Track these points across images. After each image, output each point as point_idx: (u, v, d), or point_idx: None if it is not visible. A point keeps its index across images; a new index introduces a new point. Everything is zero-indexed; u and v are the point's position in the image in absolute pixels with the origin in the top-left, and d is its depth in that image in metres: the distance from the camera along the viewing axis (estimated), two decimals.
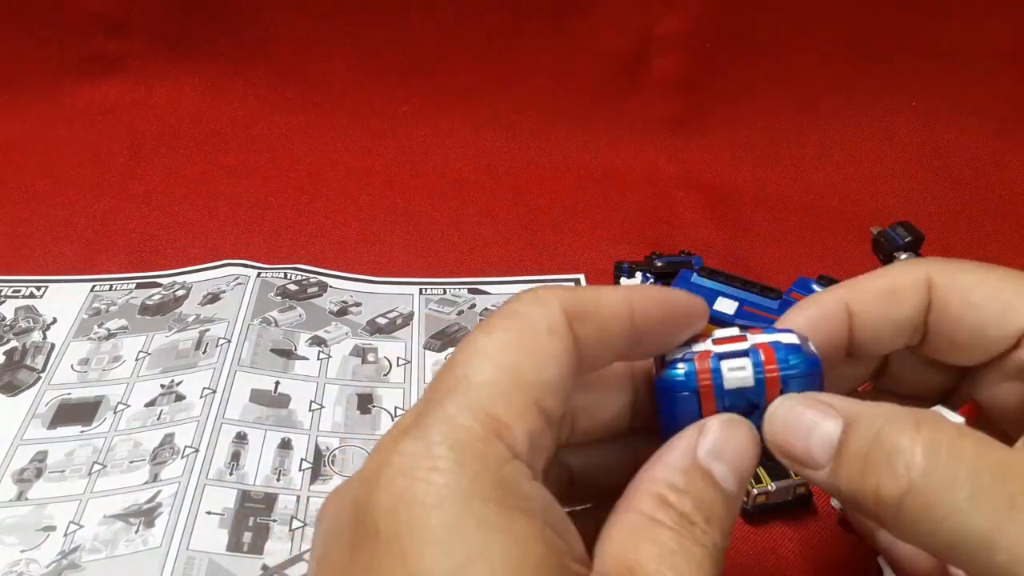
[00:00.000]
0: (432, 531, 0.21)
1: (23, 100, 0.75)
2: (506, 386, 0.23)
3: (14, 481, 0.45)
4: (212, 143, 0.74)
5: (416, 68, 0.75)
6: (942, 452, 0.23)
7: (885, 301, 0.30)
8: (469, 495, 0.21)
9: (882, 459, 0.24)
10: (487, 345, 0.24)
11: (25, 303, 0.57)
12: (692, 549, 0.24)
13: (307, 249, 0.63)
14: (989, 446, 0.24)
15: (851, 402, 0.26)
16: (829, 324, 0.30)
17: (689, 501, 0.24)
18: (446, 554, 0.21)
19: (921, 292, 0.30)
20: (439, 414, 0.23)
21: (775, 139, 0.74)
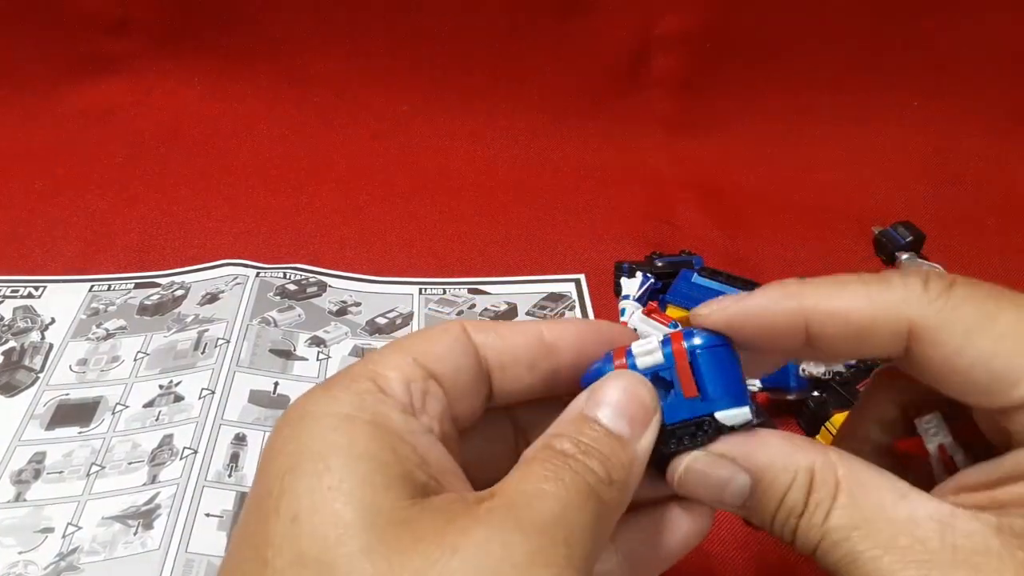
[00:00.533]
0: (300, 432, 0.25)
1: (23, 100, 0.75)
2: (391, 351, 0.28)
3: (12, 482, 0.45)
4: (212, 143, 0.74)
5: (416, 68, 0.74)
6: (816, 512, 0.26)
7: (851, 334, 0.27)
8: (333, 412, 0.25)
9: (783, 519, 0.27)
10: (393, 342, 0.29)
11: (23, 303, 0.57)
12: (559, 469, 0.25)
13: (306, 249, 0.63)
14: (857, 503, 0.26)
15: (754, 446, 0.28)
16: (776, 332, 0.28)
17: (567, 441, 0.26)
18: (291, 439, 0.25)
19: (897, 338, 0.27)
20: (343, 373, 0.27)
21: (775, 139, 0.73)
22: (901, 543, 0.25)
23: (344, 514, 0.22)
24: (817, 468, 0.27)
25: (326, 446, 0.24)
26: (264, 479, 0.24)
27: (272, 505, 0.23)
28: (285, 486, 0.23)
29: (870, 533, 0.25)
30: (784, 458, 0.27)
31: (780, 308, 0.28)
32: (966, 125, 0.74)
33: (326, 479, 0.23)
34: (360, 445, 0.24)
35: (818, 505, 0.26)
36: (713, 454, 0.28)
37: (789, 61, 0.73)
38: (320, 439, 0.24)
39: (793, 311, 0.27)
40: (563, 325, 0.30)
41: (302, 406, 0.26)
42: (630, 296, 0.56)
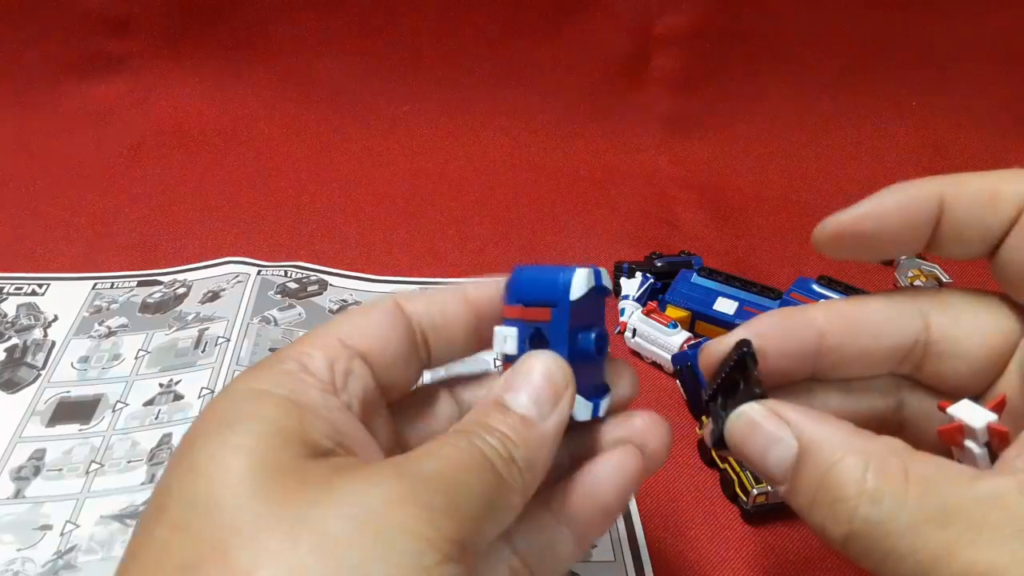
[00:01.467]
0: (217, 404, 0.26)
1: (25, 100, 0.75)
2: (317, 333, 0.29)
3: (12, 479, 0.45)
4: (213, 142, 0.74)
5: (416, 68, 0.75)
6: (884, 503, 0.24)
7: (982, 205, 0.28)
8: (250, 388, 0.26)
9: (827, 502, 0.25)
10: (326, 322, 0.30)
11: (27, 300, 0.57)
12: (456, 440, 0.26)
13: (307, 247, 0.63)
14: (935, 490, 0.24)
15: (808, 421, 0.26)
16: (917, 214, 0.29)
17: (472, 421, 0.27)
18: (216, 414, 0.26)
19: (1019, 205, 0.28)
20: (273, 355, 0.28)
21: (775, 139, 0.74)
22: (993, 519, 0.23)
23: (237, 464, 0.23)
24: (875, 453, 0.25)
25: (234, 413, 0.25)
26: (179, 444, 0.26)
27: (176, 461, 0.25)
28: (191, 444, 0.25)
29: (961, 520, 0.23)
30: (839, 436, 0.26)
31: (918, 192, 0.29)
32: (966, 125, 0.74)
33: (229, 438, 0.24)
34: (269, 413, 0.25)
35: (885, 494, 0.24)
36: (772, 408, 0.27)
37: (789, 61, 0.73)
38: (230, 408, 0.26)
39: (928, 192, 0.29)
40: (485, 286, 0.32)
41: (227, 384, 0.27)
42: (630, 296, 0.56)
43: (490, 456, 0.25)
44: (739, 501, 0.44)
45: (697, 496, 0.46)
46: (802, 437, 0.26)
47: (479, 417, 0.27)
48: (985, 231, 0.28)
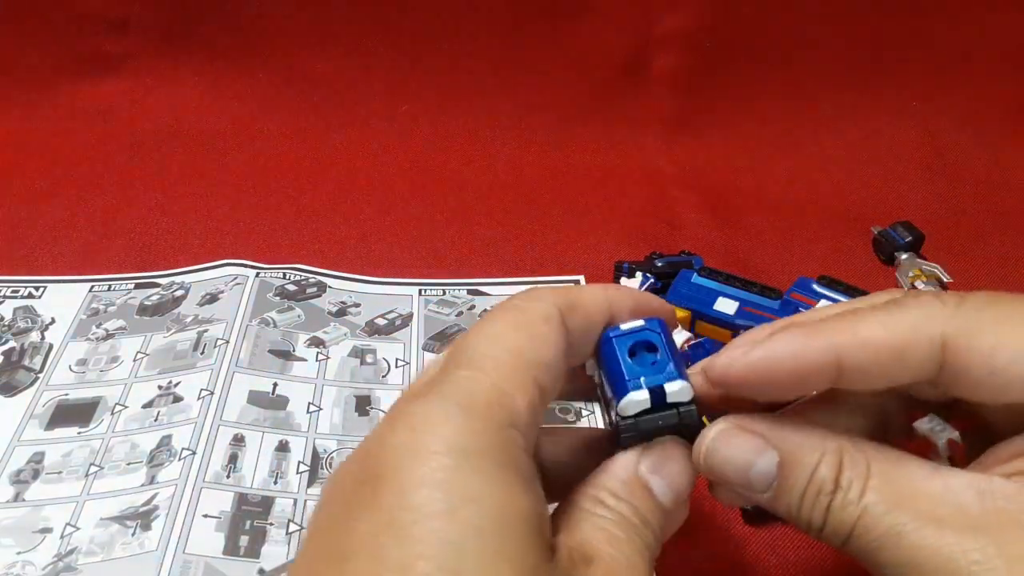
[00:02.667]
0: (431, 473, 0.23)
1: (23, 100, 0.75)
2: (510, 363, 0.26)
3: (11, 482, 0.45)
4: (212, 143, 0.74)
5: (416, 68, 0.74)
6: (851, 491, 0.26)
7: (887, 361, 0.27)
8: (470, 448, 0.24)
9: (812, 499, 0.27)
10: (492, 330, 0.27)
11: (24, 303, 0.57)
12: (633, 537, 0.27)
13: (306, 249, 0.63)
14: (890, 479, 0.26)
15: (781, 429, 0.28)
16: (809, 374, 0.27)
17: (625, 507, 0.27)
18: (441, 494, 0.23)
19: (933, 354, 0.26)
20: (449, 381, 0.25)
21: (775, 139, 0.73)
22: (942, 513, 0.25)
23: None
24: (845, 449, 0.27)
25: (488, 503, 0.23)
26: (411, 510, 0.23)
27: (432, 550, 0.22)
28: (447, 533, 0.22)
29: (910, 506, 0.25)
30: (812, 438, 0.27)
31: (811, 348, 0.27)
32: (966, 125, 0.73)
33: (493, 543, 0.23)
34: (518, 509, 0.23)
35: (851, 483, 0.26)
36: (739, 425, 0.28)
37: (789, 61, 0.72)
38: (478, 489, 0.23)
39: (824, 349, 0.27)
40: (624, 297, 0.30)
41: (439, 430, 0.24)
42: None
43: (648, 550, 0.27)
44: None
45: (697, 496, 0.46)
46: (781, 445, 0.27)
47: (632, 499, 0.27)
48: (893, 381, 0.27)
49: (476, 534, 0.22)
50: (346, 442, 0.48)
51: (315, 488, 0.45)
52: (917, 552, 0.25)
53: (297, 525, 0.43)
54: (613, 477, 0.28)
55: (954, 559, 0.24)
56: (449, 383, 0.25)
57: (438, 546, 0.22)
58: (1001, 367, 0.26)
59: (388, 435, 0.25)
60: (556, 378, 0.27)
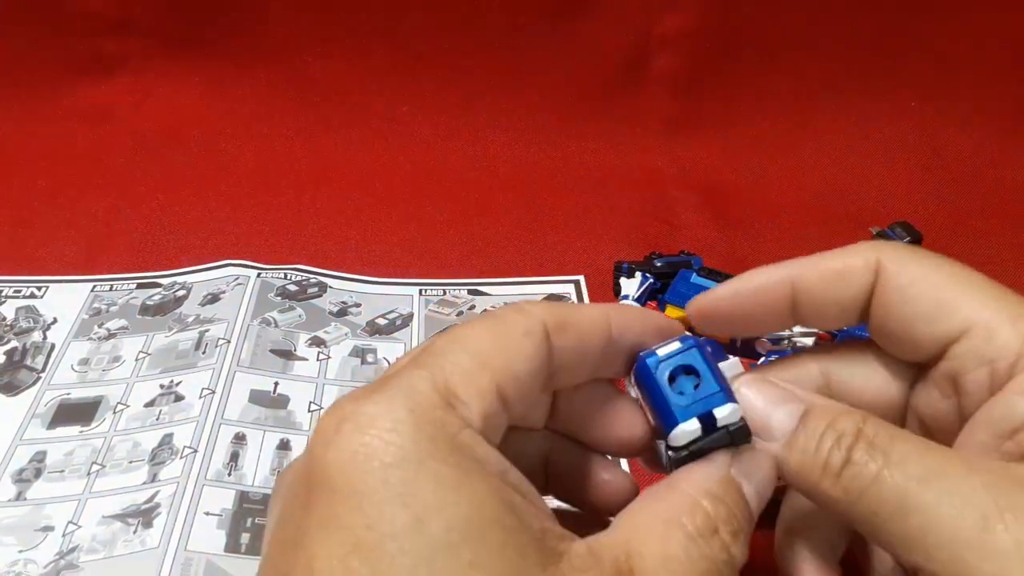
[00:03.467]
0: (391, 487, 0.22)
1: (24, 100, 0.75)
2: (470, 367, 0.25)
3: (13, 481, 0.45)
4: (212, 143, 0.74)
5: (416, 68, 0.74)
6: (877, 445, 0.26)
7: (832, 281, 0.30)
8: (426, 455, 0.23)
9: (826, 446, 0.27)
10: (461, 332, 0.26)
11: (26, 303, 0.57)
12: (698, 560, 0.24)
13: (307, 249, 0.63)
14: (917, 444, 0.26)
15: (811, 395, 0.29)
16: (769, 293, 0.31)
17: (724, 509, 0.26)
18: (404, 508, 0.22)
19: (868, 276, 0.30)
20: (401, 382, 0.24)
21: (775, 139, 0.73)
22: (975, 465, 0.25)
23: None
24: (869, 415, 0.27)
25: (453, 511, 0.22)
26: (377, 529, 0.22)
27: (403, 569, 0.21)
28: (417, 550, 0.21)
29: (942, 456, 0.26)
30: (838, 404, 0.28)
31: (767, 277, 0.31)
32: (965, 125, 0.73)
33: (464, 554, 0.22)
34: (486, 511, 0.22)
35: (878, 432, 0.26)
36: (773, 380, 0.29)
37: (789, 61, 0.73)
38: (441, 498, 0.22)
39: (779, 276, 0.31)
40: (628, 319, 0.29)
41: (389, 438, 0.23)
42: (629, 296, 0.56)
43: (724, 569, 0.25)
44: None
45: None
46: (808, 402, 0.28)
47: (721, 497, 0.26)
48: (839, 305, 0.30)
49: (446, 548, 0.21)
50: None
51: None
52: (949, 495, 0.24)
53: None
54: (709, 477, 0.27)
55: (984, 505, 0.24)
56: (402, 383, 0.24)
57: (409, 565, 0.21)
58: (912, 297, 0.29)
59: (336, 439, 0.23)
60: (528, 394, 0.26)
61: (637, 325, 0.29)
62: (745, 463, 0.27)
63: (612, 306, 0.30)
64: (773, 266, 0.31)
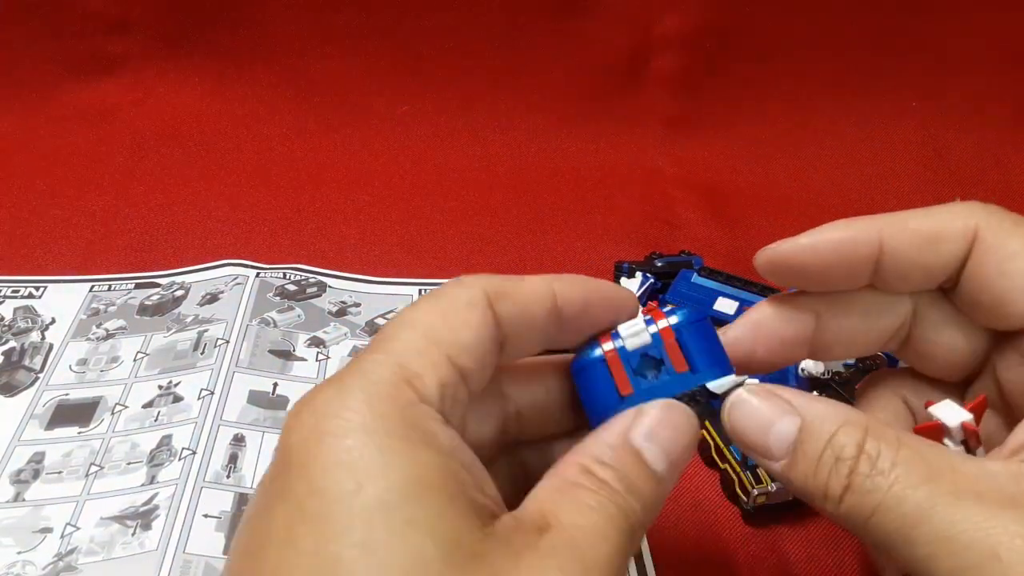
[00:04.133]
0: (336, 455, 0.23)
1: (23, 100, 0.75)
2: (420, 343, 0.26)
3: (11, 482, 0.45)
4: (212, 143, 0.74)
5: (416, 68, 0.74)
6: (879, 461, 0.25)
7: (923, 246, 0.29)
8: (374, 429, 0.23)
9: (830, 464, 0.26)
10: (409, 314, 0.27)
11: (24, 303, 0.57)
12: (607, 506, 0.25)
13: (306, 249, 0.63)
14: (924, 455, 0.25)
15: (807, 400, 0.28)
16: (855, 250, 0.29)
17: (611, 472, 0.26)
18: (347, 474, 0.23)
19: (963, 243, 0.28)
20: (355, 367, 0.25)
21: (775, 139, 0.73)
22: (982, 487, 0.24)
23: (426, 549, 0.22)
24: (871, 424, 0.26)
25: (395, 475, 0.23)
26: (319, 495, 0.23)
27: (341, 528, 0.22)
28: (354, 510, 0.22)
29: (946, 480, 0.24)
30: (837, 410, 0.27)
31: (855, 230, 0.29)
32: (966, 125, 0.73)
33: (401, 513, 0.22)
34: (428, 476, 0.23)
35: (880, 452, 0.25)
36: (766, 389, 0.28)
37: (789, 61, 0.73)
38: (382, 464, 0.23)
39: (868, 230, 0.29)
40: (572, 288, 0.29)
41: (342, 415, 0.24)
42: None
43: (635, 527, 0.26)
44: (739, 501, 0.44)
45: (697, 496, 0.46)
46: (804, 413, 0.27)
47: (616, 464, 0.26)
48: (927, 271, 0.29)
49: (383, 507, 0.22)
50: None
51: None
52: (951, 527, 0.24)
53: None
54: (601, 444, 0.27)
55: (993, 534, 0.23)
56: (356, 369, 0.25)
57: (348, 525, 0.22)
58: (1011, 271, 0.28)
59: (295, 424, 0.24)
60: (481, 361, 0.27)
61: (580, 293, 0.29)
62: (650, 423, 0.27)
63: (557, 276, 0.30)
64: (860, 219, 0.30)
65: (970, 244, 0.28)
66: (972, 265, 0.28)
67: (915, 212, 0.30)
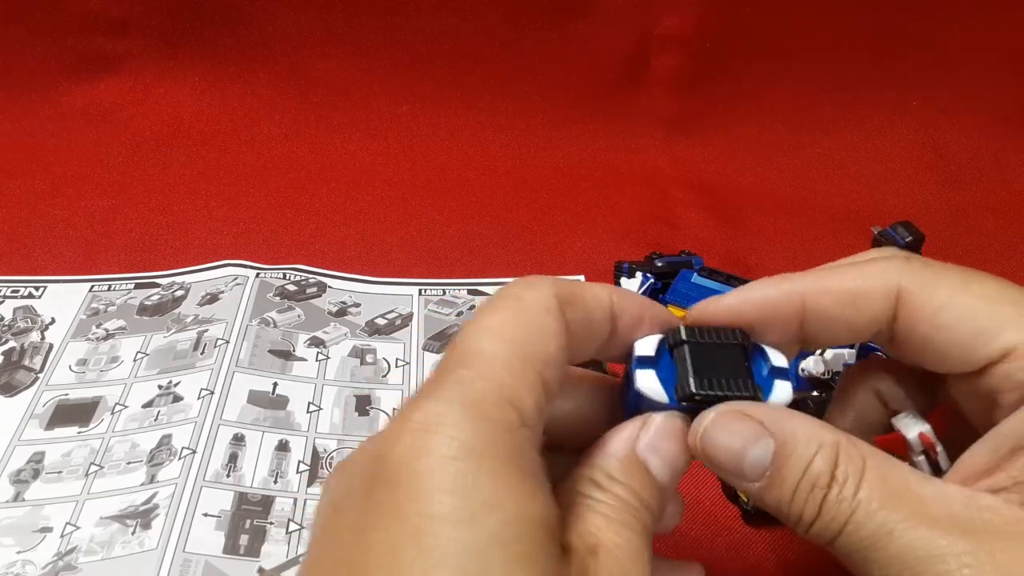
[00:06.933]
0: (450, 479, 0.23)
1: (23, 100, 0.75)
2: (514, 359, 0.25)
3: (11, 482, 0.45)
4: (212, 143, 0.74)
5: (416, 68, 0.74)
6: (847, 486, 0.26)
7: (845, 305, 0.29)
8: (484, 452, 0.23)
9: (807, 491, 0.26)
10: (492, 323, 0.26)
11: (24, 303, 0.57)
12: (633, 522, 0.26)
13: (306, 249, 0.63)
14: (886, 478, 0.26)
15: (779, 417, 0.27)
16: (776, 311, 0.29)
17: (623, 489, 0.27)
18: (462, 501, 0.22)
19: (887, 303, 0.28)
20: (455, 381, 0.25)
21: (775, 139, 0.73)
22: (935, 513, 0.25)
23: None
24: (841, 443, 0.27)
25: (509, 509, 0.23)
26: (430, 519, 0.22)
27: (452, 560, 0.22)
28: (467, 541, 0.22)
29: (904, 505, 0.25)
30: (810, 428, 0.27)
31: (777, 291, 0.29)
32: (966, 125, 0.73)
33: (513, 550, 0.23)
34: (535, 511, 0.23)
35: (847, 478, 0.26)
36: (738, 410, 0.28)
37: (789, 61, 0.72)
38: (494, 493, 0.23)
39: (789, 292, 0.29)
40: (629, 301, 0.29)
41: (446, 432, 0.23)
42: None
43: (648, 529, 0.27)
44: (739, 501, 0.44)
45: (697, 497, 0.46)
46: (778, 434, 0.27)
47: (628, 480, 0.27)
48: (851, 328, 0.29)
49: (497, 543, 0.22)
50: (346, 442, 0.48)
51: (315, 487, 0.45)
52: (908, 551, 0.25)
53: (297, 524, 0.43)
54: (610, 457, 0.27)
55: (945, 560, 0.24)
56: (454, 382, 0.25)
57: (460, 555, 0.22)
58: (946, 324, 0.28)
59: (400, 436, 0.24)
60: (559, 374, 0.27)
61: (636, 308, 0.29)
62: (654, 435, 0.28)
63: (615, 288, 0.30)
64: (781, 278, 0.30)
65: (894, 302, 0.28)
66: (904, 322, 0.28)
67: (836, 270, 0.30)
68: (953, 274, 0.28)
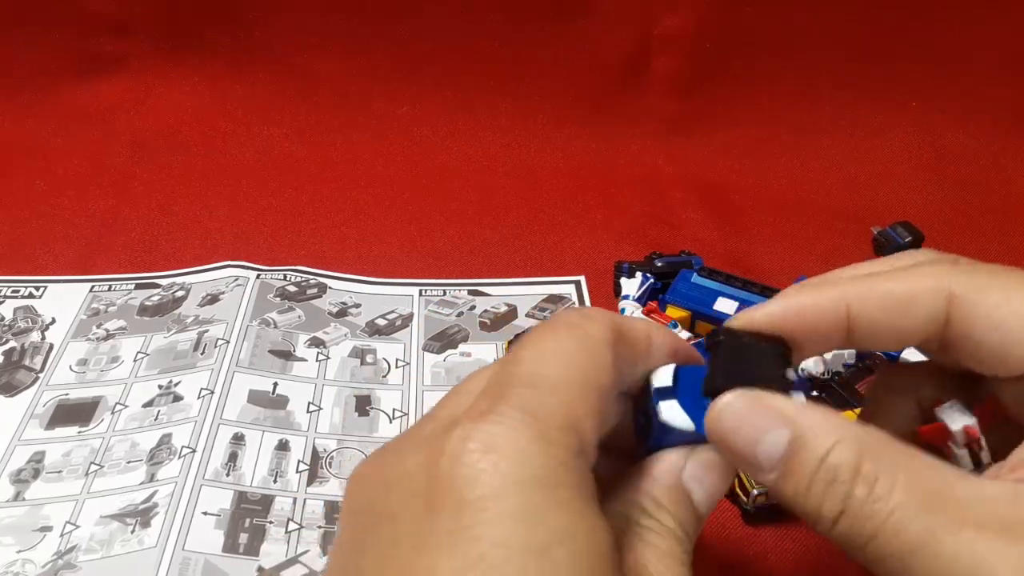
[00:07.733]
0: (522, 508, 0.22)
1: (23, 100, 0.75)
2: (579, 386, 0.25)
3: (11, 481, 0.45)
4: (212, 143, 0.74)
5: (416, 68, 0.74)
6: (876, 485, 0.24)
7: (894, 310, 0.28)
8: (552, 479, 0.23)
9: (823, 485, 0.25)
10: (553, 347, 0.26)
11: (24, 303, 0.57)
12: (680, 553, 0.26)
13: (306, 250, 0.63)
14: (923, 478, 0.24)
15: (799, 408, 0.26)
16: (820, 319, 0.28)
17: (670, 517, 0.27)
18: (534, 531, 0.22)
19: (939, 307, 0.27)
20: (520, 402, 0.24)
21: (775, 139, 0.73)
22: (980, 516, 0.23)
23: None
24: (866, 439, 0.25)
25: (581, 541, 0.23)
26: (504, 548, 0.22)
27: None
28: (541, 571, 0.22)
29: (945, 509, 0.23)
30: (830, 421, 0.26)
31: (822, 298, 0.28)
32: (966, 125, 0.73)
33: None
34: (603, 542, 0.24)
35: (879, 476, 0.24)
36: (755, 396, 0.26)
37: (789, 61, 0.72)
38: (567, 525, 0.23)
39: (835, 298, 0.28)
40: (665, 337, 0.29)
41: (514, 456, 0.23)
42: (630, 296, 0.56)
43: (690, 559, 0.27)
44: (739, 501, 0.44)
45: None
46: (795, 425, 0.26)
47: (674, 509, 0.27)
48: (900, 334, 0.28)
49: (568, 575, 0.22)
50: (346, 441, 0.48)
51: (314, 487, 0.45)
52: (953, 561, 0.23)
53: (296, 524, 0.43)
54: (657, 483, 0.28)
55: (994, 569, 0.22)
56: (518, 404, 0.24)
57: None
58: (1005, 324, 0.27)
59: (462, 456, 0.23)
60: (611, 406, 0.27)
61: (671, 345, 0.29)
62: (699, 465, 0.28)
63: (650, 322, 0.30)
64: (822, 283, 0.29)
65: (945, 305, 0.27)
66: (957, 325, 0.27)
67: (882, 276, 0.29)
68: (1004, 274, 0.28)
